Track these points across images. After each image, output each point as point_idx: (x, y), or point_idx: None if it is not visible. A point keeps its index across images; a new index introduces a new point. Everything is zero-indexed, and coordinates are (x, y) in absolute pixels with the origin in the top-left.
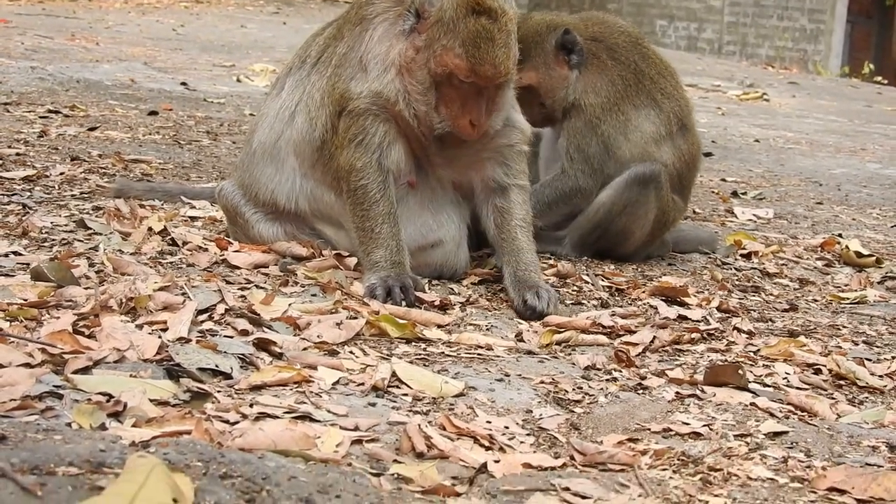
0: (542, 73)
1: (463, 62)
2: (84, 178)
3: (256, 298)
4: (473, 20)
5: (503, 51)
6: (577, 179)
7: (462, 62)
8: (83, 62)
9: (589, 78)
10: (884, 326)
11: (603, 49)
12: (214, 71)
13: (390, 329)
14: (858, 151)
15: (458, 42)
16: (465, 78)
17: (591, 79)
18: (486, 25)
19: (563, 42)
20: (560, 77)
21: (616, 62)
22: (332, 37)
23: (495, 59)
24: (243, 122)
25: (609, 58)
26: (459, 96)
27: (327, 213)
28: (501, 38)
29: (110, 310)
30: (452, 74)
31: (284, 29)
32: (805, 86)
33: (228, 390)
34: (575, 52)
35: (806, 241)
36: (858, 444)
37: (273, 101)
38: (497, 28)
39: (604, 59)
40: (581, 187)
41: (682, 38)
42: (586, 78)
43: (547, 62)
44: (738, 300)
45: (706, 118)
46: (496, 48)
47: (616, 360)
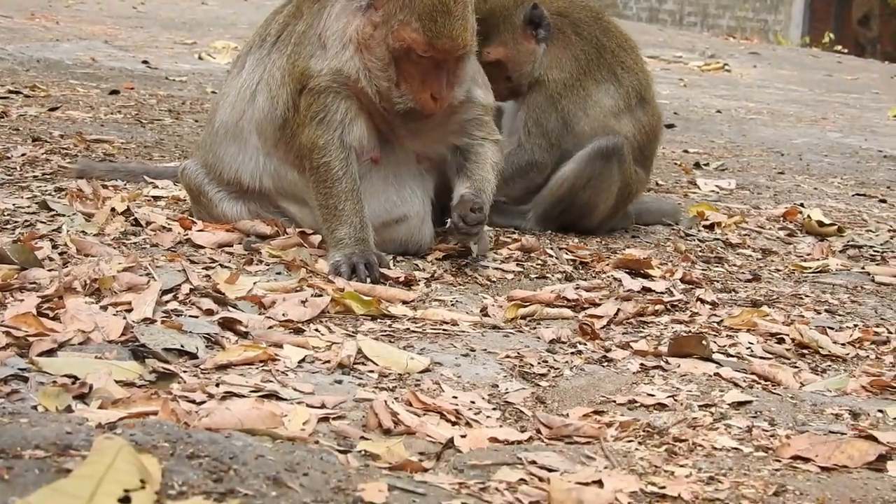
0: (510, 47)
1: (420, 36)
2: (46, 159)
3: (221, 278)
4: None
5: (460, 23)
6: (534, 153)
7: (419, 36)
8: (43, 41)
9: (554, 53)
10: (846, 295)
11: (567, 24)
12: (176, 49)
13: (355, 306)
14: (819, 121)
15: (414, 16)
16: (424, 52)
17: (555, 54)
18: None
19: (532, 17)
20: (527, 51)
21: (580, 37)
22: (292, 14)
23: (452, 31)
24: (205, 101)
25: (573, 33)
26: (419, 71)
27: (291, 191)
28: (458, 10)
29: (74, 291)
30: (410, 49)
31: (246, 5)
32: (766, 56)
33: (194, 370)
34: (542, 26)
35: (768, 211)
36: (822, 412)
37: (234, 80)
38: (453, 1)
39: (568, 34)
40: (537, 161)
41: (644, 10)
42: (551, 53)
43: (515, 37)
44: (702, 271)
45: (668, 90)
46: (453, 20)
47: (581, 333)
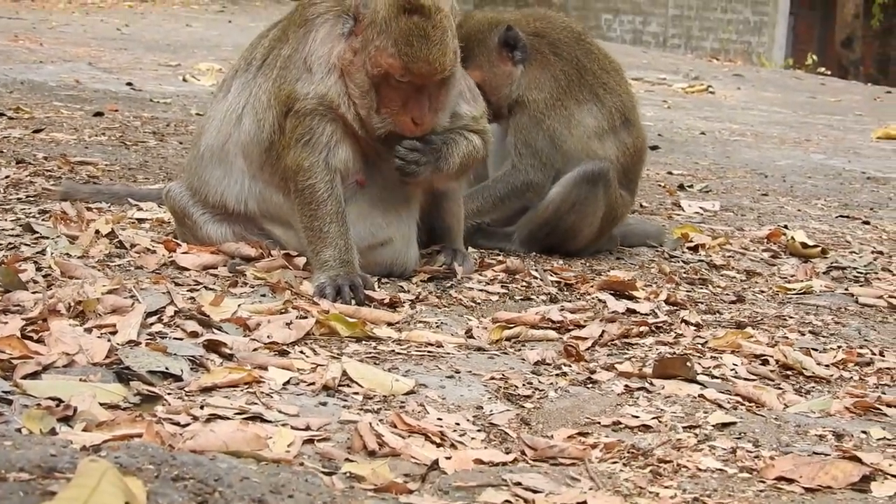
0: (486, 70)
1: (396, 61)
2: (30, 182)
3: (206, 300)
4: (405, 19)
5: (438, 48)
6: (528, 174)
7: (395, 61)
8: (27, 63)
9: (532, 74)
10: (829, 316)
11: (545, 44)
12: (160, 71)
13: (340, 328)
14: (803, 143)
15: (390, 42)
16: (401, 77)
17: (534, 74)
18: (419, 23)
19: (506, 39)
20: (504, 74)
21: (559, 58)
22: (277, 38)
23: (429, 55)
24: (190, 122)
25: (552, 53)
26: (399, 96)
27: (276, 214)
28: (436, 35)
29: (59, 314)
30: (388, 74)
31: (230, 27)
32: (749, 78)
33: (179, 392)
34: (518, 48)
35: (752, 232)
36: (806, 433)
37: (220, 104)
38: (431, 25)
39: (546, 54)
40: (532, 181)
41: (628, 32)
42: (530, 74)
43: (491, 59)
44: (686, 293)
45: (652, 111)
46: (430, 45)
47: (565, 355)
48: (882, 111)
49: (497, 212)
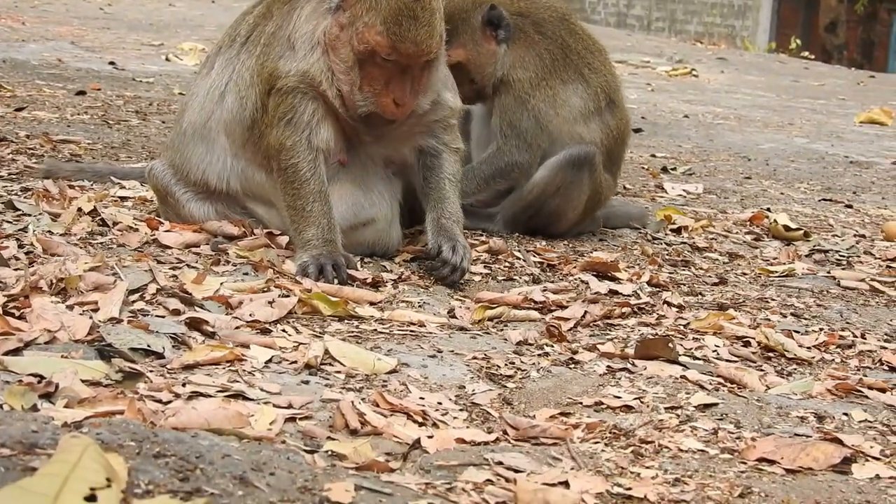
0: (470, 49)
1: (384, 39)
2: (12, 160)
3: (188, 278)
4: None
5: (426, 29)
6: (514, 154)
7: (383, 39)
8: (9, 42)
9: (516, 53)
10: (811, 299)
11: (529, 24)
12: (143, 50)
13: (322, 307)
14: (786, 126)
15: (379, 19)
16: (387, 56)
17: (518, 54)
18: (409, 3)
19: (490, 17)
20: (488, 53)
21: (543, 37)
22: (262, 15)
23: (417, 36)
24: (173, 102)
25: (536, 32)
26: (383, 75)
27: (259, 193)
28: (424, 16)
29: (40, 291)
30: (374, 52)
31: (213, 7)
32: (733, 61)
33: (161, 370)
34: (502, 27)
35: (735, 215)
36: (787, 415)
37: (203, 81)
38: (420, 6)
39: (531, 33)
40: (518, 162)
41: (612, 15)
42: (514, 53)
43: (475, 38)
44: (669, 274)
45: (636, 94)
46: (418, 26)
47: (548, 335)
48: (865, 95)
49: (483, 193)
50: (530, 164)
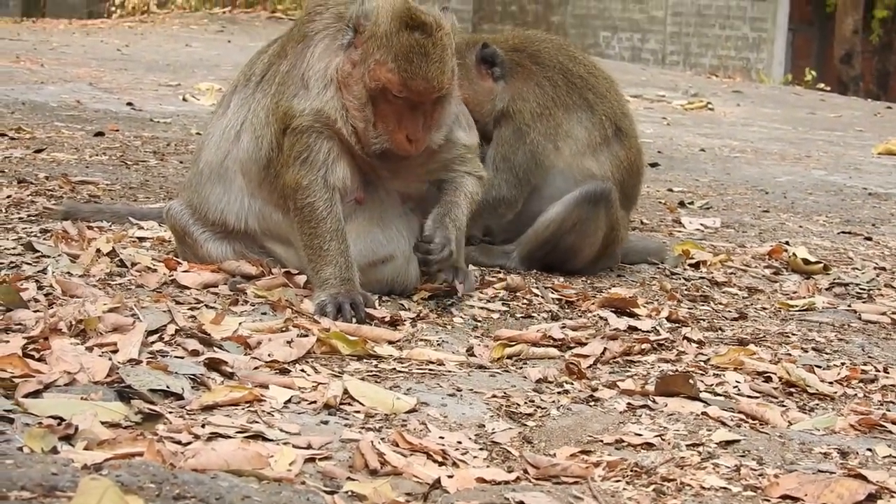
0: (466, 88)
1: (395, 76)
2: (31, 201)
3: (206, 318)
4: (406, 35)
5: (437, 65)
6: (501, 189)
7: (394, 76)
8: (28, 84)
9: (515, 86)
10: (832, 333)
11: (525, 57)
12: (160, 90)
13: (341, 346)
14: (803, 159)
15: (390, 56)
16: (398, 92)
17: (517, 87)
18: (420, 40)
19: (483, 56)
20: (485, 90)
21: (541, 66)
22: (276, 54)
23: (427, 73)
24: (190, 142)
25: (533, 63)
26: (395, 111)
27: (276, 232)
28: (436, 52)
29: (60, 332)
30: (386, 89)
31: (229, 47)
32: (749, 94)
33: (180, 411)
34: (497, 64)
35: (753, 249)
36: (810, 451)
37: (219, 121)
38: (431, 43)
39: (527, 65)
40: (505, 197)
41: (626, 49)
42: (512, 86)
43: (470, 78)
44: (688, 310)
45: (652, 129)
46: (429, 63)
47: (567, 373)
48: (882, 127)
49: (470, 228)
50: (517, 200)
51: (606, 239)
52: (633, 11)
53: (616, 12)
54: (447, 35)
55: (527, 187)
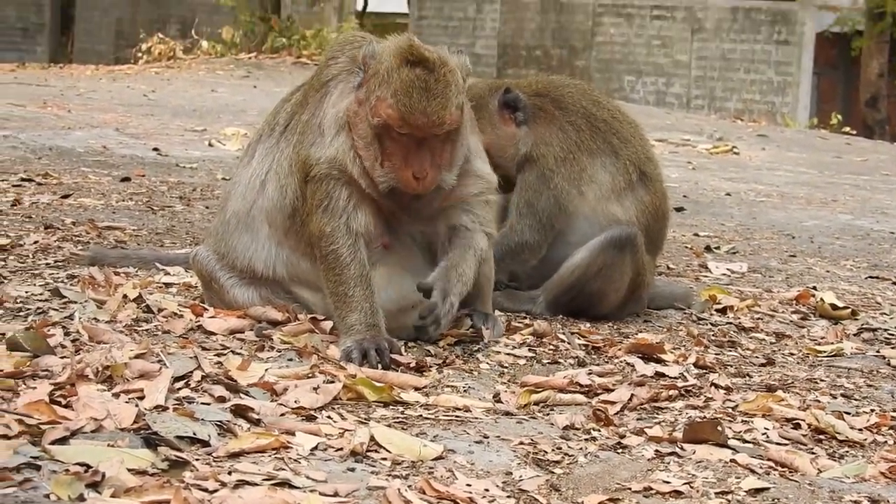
0: (490, 133)
1: (394, 112)
2: (58, 247)
3: (233, 364)
4: (407, 70)
5: (438, 101)
6: (524, 234)
7: (394, 112)
8: (55, 129)
9: (538, 131)
10: (861, 379)
11: (548, 101)
12: (186, 136)
13: (367, 392)
14: (830, 203)
15: (390, 92)
16: (399, 128)
17: (540, 131)
18: (420, 75)
19: (506, 101)
20: (508, 136)
21: (564, 111)
22: (298, 103)
23: (427, 108)
24: (216, 187)
25: (556, 108)
26: (400, 149)
27: (305, 278)
28: (437, 88)
29: (87, 379)
30: (388, 126)
31: (255, 92)
32: (774, 138)
33: (207, 458)
34: (519, 108)
35: (781, 294)
36: (840, 498)
37: (244, 170)
38: (433, 78)
39: (550, 109)
40: (528, 242)
41: (651, 93)
42: (535, 131)
43: (493, 123)
44: (715, 356)
45: (677, 173)
46: (429, 98)
47: (594, 419)
48: None
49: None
50: (541, 245)
51: (632, 284)
52: (658, 56)
53: (641, 57)
54: (452, 72)
55: (551, 232)
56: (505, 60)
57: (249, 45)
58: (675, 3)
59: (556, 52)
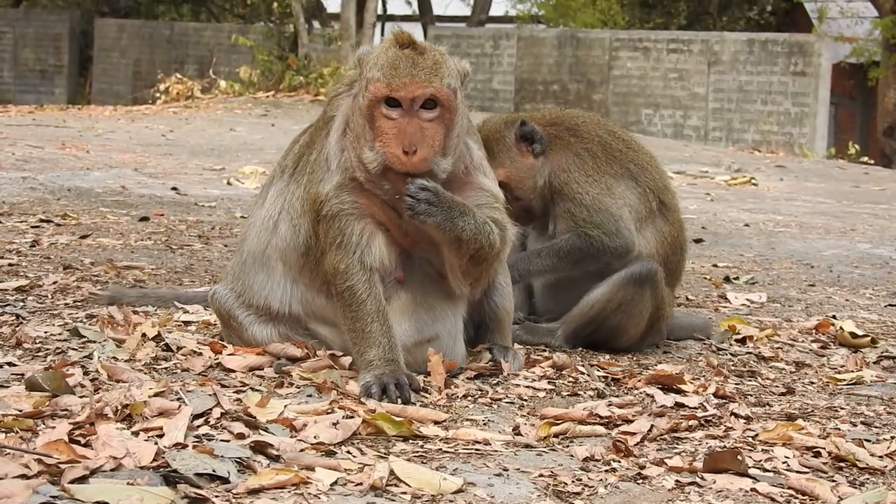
0: (508, 167)
1: (381, 83)
2: (77, 287)
3: (252, 401)
4: (395, 50)
5: (423, 70)
6: (604, 240)
7: (381, 83)
8: (74, 170)
9: (555, 159)
10: (881, 406)
11: (563, 129)
12: (205, 175)
13: (387, 427)
14: (848, 232)
15: (377, 68)
16: (387, 98)
17: (557, 159)
18: (408, 53)
19: (523, 133)
20: (527, 167)
21: (579, 138)
22: (306, 144)
23: (412, 71)
24: (234, 225)
25: (571, 135)
26: (391, 126)
27: (321, 315)
28: (424, 62)
29: (106, 417)
30: (377, 100)
31: (273, 131)
32: (792, 168)
33: (227, 495)
34: (536, 140)
35: (800, 323)
36: None
37: (258, 211)
38: (421, 56)
39: (566, 137)
40: (610, 246)
41: (669, 126)
42: (553, 160)
43: (511, 156)
44: (735, 385)
45: (695, 204)
46: (416, 67)
47: (614, 451)
48: None
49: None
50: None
51: (652, 318)
52: (675, 89)
53: (658, 90)
54: (441, 55)
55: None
56: (522, 95)
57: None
58: (691, 36)
59: (574, 86)
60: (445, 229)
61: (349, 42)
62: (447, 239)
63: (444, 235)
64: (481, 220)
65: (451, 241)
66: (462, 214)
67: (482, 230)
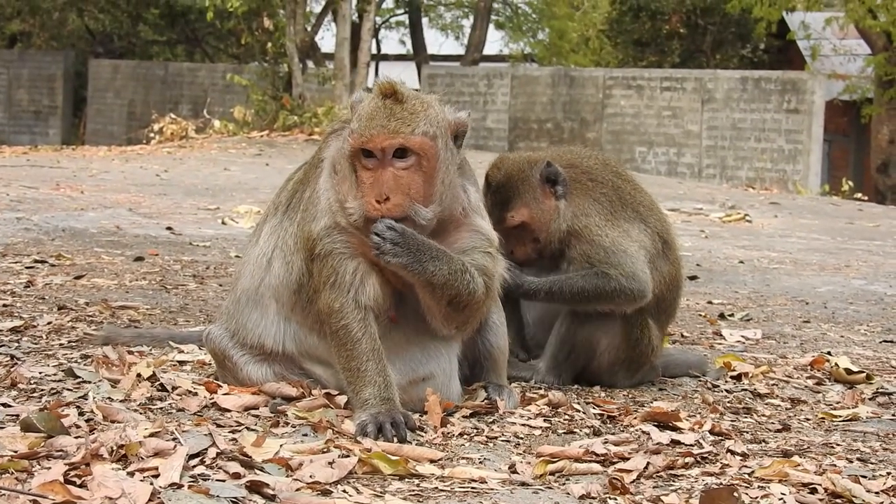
0: (533, 208)
1: (356, 134)
2: (71, 327)
3: (248, 440)
4: (377, 101)
5: (399, 121)
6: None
7: (356, 135)
8: (68, 211)
9: (575, 203)
10: (877, 443)
11: (580, 173)
12: (199, 214)
13: (383, 466)
14: (843, 268)
15: (357, 119)
16: (362, 148)
17: (577, 203)
18: (388, 104)
19: (548, 175)
20: (550, 209)
21: (595, 182)
22: (300, 181)
23: (383, 124)
24: (229, 264)
25: (588, 179)
26: (367, 177)
27: (314, 354)
28: (401, 113)
29: (101, 458)
30: (356, 151)
31: (267, 170)
32: (786, 205)
33: None
34: (559, 182)
35: (795, 360)
36: None
37: (252, 249)
38: (399, 106)
39: (584, 181)
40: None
41: (662, 164)
42: (573, 204)
43: (535, 196)
44: (731, 422)
45: (690, 241)
46: (390, 117)
47: (611, 488)
48: None
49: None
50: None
51: (628, 338)
52: (669, 126)
53: (651, 128)
54: (424, 104)
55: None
56: (516, 134)
57: (261, 123)
58: (684, 74)
59: (568, 124)
60: (414, 272)
61: (343, 82)
62: (418, 282)
63: (414, 278)
64: (459, 267)
65: (423, 285)
66: (433, 259)
67: (458, 277)
